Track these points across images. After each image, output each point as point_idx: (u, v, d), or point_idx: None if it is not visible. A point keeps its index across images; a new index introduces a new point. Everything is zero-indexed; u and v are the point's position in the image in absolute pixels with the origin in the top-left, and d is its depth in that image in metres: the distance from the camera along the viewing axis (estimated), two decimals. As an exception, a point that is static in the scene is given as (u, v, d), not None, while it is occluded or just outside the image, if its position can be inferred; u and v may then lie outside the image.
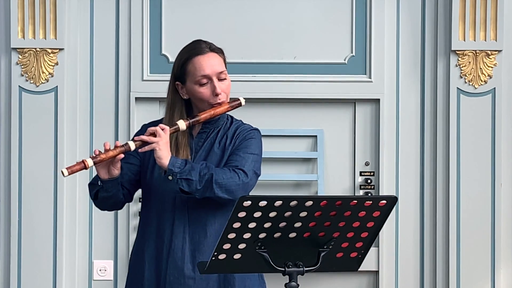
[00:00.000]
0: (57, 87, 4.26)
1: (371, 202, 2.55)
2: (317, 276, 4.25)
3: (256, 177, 3.00)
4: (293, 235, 2.56)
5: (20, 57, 4.25)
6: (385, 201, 2.56)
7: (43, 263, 4.25)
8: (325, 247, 2.61)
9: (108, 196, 3.00)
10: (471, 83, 4.30)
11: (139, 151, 2.93)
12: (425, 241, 4.37)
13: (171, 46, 4.33)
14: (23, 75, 4.26)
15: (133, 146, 2.91)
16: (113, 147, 2.91)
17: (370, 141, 4.38)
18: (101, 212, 4.30)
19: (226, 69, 3.03)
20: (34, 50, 4.24)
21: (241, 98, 3.07)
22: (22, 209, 4.25)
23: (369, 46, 4.34)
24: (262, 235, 2.54)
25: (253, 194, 2.89)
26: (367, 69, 4.35)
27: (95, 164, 2.89)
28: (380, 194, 4.31)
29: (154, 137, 2.90)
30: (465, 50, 4.28)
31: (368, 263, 3.70)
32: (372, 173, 4.37)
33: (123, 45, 4.32)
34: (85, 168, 2.86)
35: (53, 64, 4.25)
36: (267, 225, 2.52)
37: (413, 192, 4.38)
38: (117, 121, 4.33)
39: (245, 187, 2.93)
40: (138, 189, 3.12)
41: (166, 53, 4.33)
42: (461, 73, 4.29)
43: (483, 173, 4.31)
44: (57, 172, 4.24)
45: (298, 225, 2.54)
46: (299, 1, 4.35)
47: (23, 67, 4.26)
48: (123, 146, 2.91)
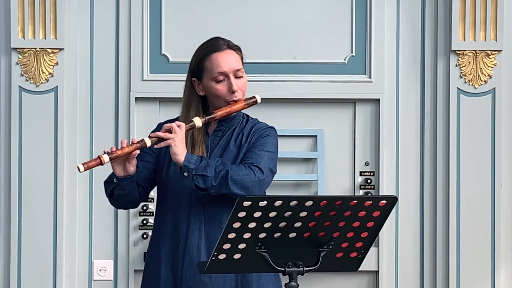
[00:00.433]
0: (57, 87, 4.26)
1: (371, 202, 2.55)
2: (317, 276, 4.25)
3: (272, 175, 3.00)
4: (293, 235, 2.56)
5: (20, 57, 4.25)
6: (385, 201, 2.56)
7: (43, 263, 4.25)
8: (325, 247, 2.61)
9: (123, 194, 3.00)
10: (471, 83, 4.30)
11: (155, 147, 2.94)
12: (425, 241, 4.37)
13: (171, 46, 4.33)
14: (23, 75, 4.26)
15: (149, 142, 2.92)
16: (130, 143, 2.92)
17: (370, 141, 4.38)
18: (101, 212, 4.34)
19: (243, 67, 3.04)
20: (34, 50, 4.24)
21: (257, 95, 3.08)
22: (22, 209, 4.25)
23: (369, 46, 4.34)
24: (262, 235, 2.54)
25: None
26: (367, 69, 4.35)
27: (111, 160, 2.89)
28: (380, 194, 4.31)
29: (169, 134, 2.90)
30: (465, 50, 4.28)
31: (368, 263, 3.70)
32: (372, 173, 4.37)
33: (123, 45, 4.32)
34: (101, 164, 2.87)
35: (53, 64, 4.25)
36: (267, 225, 2.52)
37: (413, 192, 4.38)
38: (117, 121, 4.33)
39: (260, 184, 2.93)
40: (153, 188, 3.12)
41: (166, 53, 4.33)
42: (461, 73, 4.29)
43: (483, 173, 4.31)
44: (57, 172, 4.24)
45: (298, 225, 2.54)
46: (299, 1, 4.35)
47: (23, 67, 4.25)
48: (138, 142, 2.91)
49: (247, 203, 2.47)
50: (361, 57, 4.36)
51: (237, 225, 2.50)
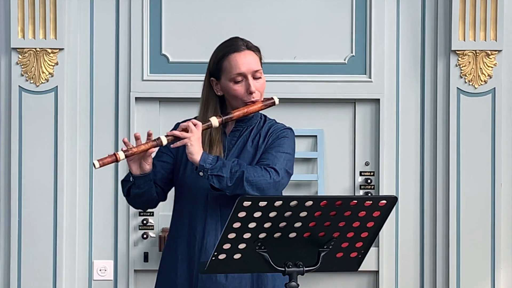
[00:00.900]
0: (57, 87, 4.26)
1: (371, 202, 2.55)
2: (317, 276, 4.25)
3: (288, 176, 2.98)
4: (293, 235, 2.56)
5: (20, 57, 4.25)
6: (385, 201, 2.56)
7: (43, 263, 4.25)
8: (325, 247, 2.61)
9: (140, 192, 3.00)
10: (471, 83, 4.30)
11: (171, 146, 2.93)
12: (425, 241, 4.37)
13: (171, 46, 4.33)
14: (23, 75, 4.26)
15: (165, 141, 2.91)
16: (145, 139, 2.92)
17: (370, 141, 4.38)
18: (101, 212, 4.34)
19: (262, 68, 3.04)
20: (34, 50, 4.24)
21: (275, 97, 3.07)
22: (22, 209, 4.25)
23: (369, 46, 4.34)
24: (262, 235, 2.54)
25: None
26: (367, 69, 4.35)
27: (126, 157, 2.89)
28: (380, 194, 4.31)
29: (186, 133, 2.90)
30: (465, 50, 4.28)
31: (368, 263, 3.70)
32: (372, 173, 4.37)
33: (123, 45, 4.32)
34: (117, 160, 2.87)
35: (53, 64, 4.25)
36: (267, 225, 2.52)
37: (413, 192, 4.38)
38: (117, 121, 4.33)
39: (276, 186, 2.92)
40: (172, 188, 3.12)
41: (166, 53, 4.33)
42: (461, 73, 4.29)
43: (483, 173, 4.31)
44: (57, 172, 4.24)
45: (298, 225, 2.54)
46: (299, 1, 4.35)
47: (23, 67, 4.25)
48: (155, 140, 2.91)
49: (247, 203, 2.47)
50: (361, 57, 4.36)
51: (237, 225, 2.50)
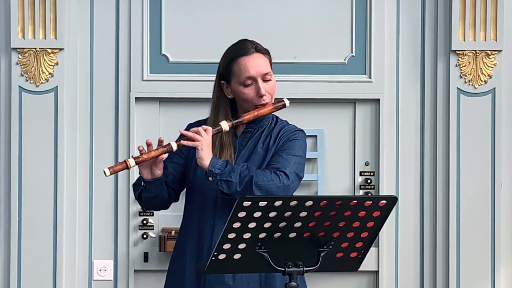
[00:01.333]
0: (57, 87, 4.26)
1: (371, 202, 2.55)
2: (317, 276, 4.25)
3: (298, 180, 2.97)
4: (293, 235, 2.56)
5: (20, 57, 4.25)
6: (385, 201, 2.56)
7: (43, 263, 4.25)
8: (325, 247, 2.60)
9: (151, 196, 3.01)
10: (471, 83, 4.30)
11: (182, 142, 2.91)
12: (425, 241, 4.37)
13: (171, 46, 4.33)
14: (23, 75, 4.26)
15: (175, 146, 2.92)
16: (156, 145, 2.92)
17: (370, 141, 4.38)
18: (101, 212, 4.34)
19: (271, 70, 3.03)
20: (34, 50, 4.24)
21: (286, 99, 3.05)
22: (22, 209, 4.25)
23: (369, 46, 4.34)
24: (262, 235, 2.54)
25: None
26: (367, 69, 4.35)
27: (137, 164, 2.90)
28: (380, 194, 4.31)
29: (197, 135, 2.90)
30: (465, 50, 4.28)
31: (368, 263, 3.70)
32: (372, 173, 4.37)
33: (123, 45, 4.32)
34: (127, 168, 2.87)
35: (53, 64, 4.25)
36: (267, 225, 2.52)
37: (413, 192, 4.38)
38: (117, 121, 4.33)
39: (286, 190, 2.90)
40: (183, 188, 3.12)
41: (166, 53, 4.33)
42: (461, 73, 4.29)
43: (483, 173, 4.31)
44: (57, 172, 4.24)
45: (298, 225, 2.54)
46: (299, 1, 4.35)
47: (23, 67, 4.25)
48: (165, 146, 2.91)
49: (247, 203, 2.46)
50: (361, 57, 4.36)
51: (237, 225, 2.50)
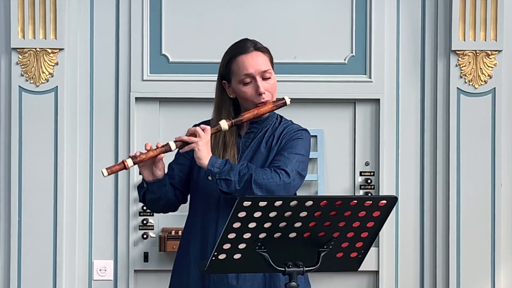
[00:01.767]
0: (57, 87, 4.26)
1: (371, 202, 2.55)
2: (317, 276, 4.24)
3: (300, 178, 2.95)
4: (293, 235, 2.56)
5: (20, 57, 4.25)
6: (385, 201, 2.56)
7: (43, 263, 4.25)
8: (325, 247, 2.61)
9: (155, 198, 3.00)
10: (471, 83, 4.30)
11: (180, 151, 2.93)
12: (425, 241, 4.37)
13: (171, 46, 4.33)
14: (23, 75, 4.26)
15: (173, 146, 2.92)
16: (155, 147, 2.92)
17: (370, 141, 4.38)
18: (101, 212, 4.34)
19: (271, 68, 3.03)
20: (34, 50, 4.24)
21: (286, 97, 3.05)
22: (22, 209, 4.25)
23: (369, 46, 4.34)
24: (262, 235, 2.54)
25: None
26: (367, 69, 4.35)
27: (135, 164, 2.89)
28: (380, 194, 4.31)
29: (194, 137, 2.90)
30: (465, 50, 4.28)
31: (368, 263, 3.69)
32: (372, 173, 4.37)
33: (123, 45, 4.32)
34: (125, 168, 2.87)
35: (53, 64, 4.25)
36: (267, 225, 2.52)
37: (413, 192, 4.38)
38: (117, 121, 4.33)
39: (286, 188, 2.90)
40: None
41: (166, 53, 4.33)
42: (461, 73, 4.29)
43: (483, 173, 4.31)
44: (57, 172, 4.24)
45: (298, 225, 2.54)
46: (299, 1, 4.35)
47: (23, 67, 4.25)
48: (163, 146, 2.91)
49: (247, 203, 2.46)
50: (361, 57, 4.36)
51: (237, 225, 2.50)
